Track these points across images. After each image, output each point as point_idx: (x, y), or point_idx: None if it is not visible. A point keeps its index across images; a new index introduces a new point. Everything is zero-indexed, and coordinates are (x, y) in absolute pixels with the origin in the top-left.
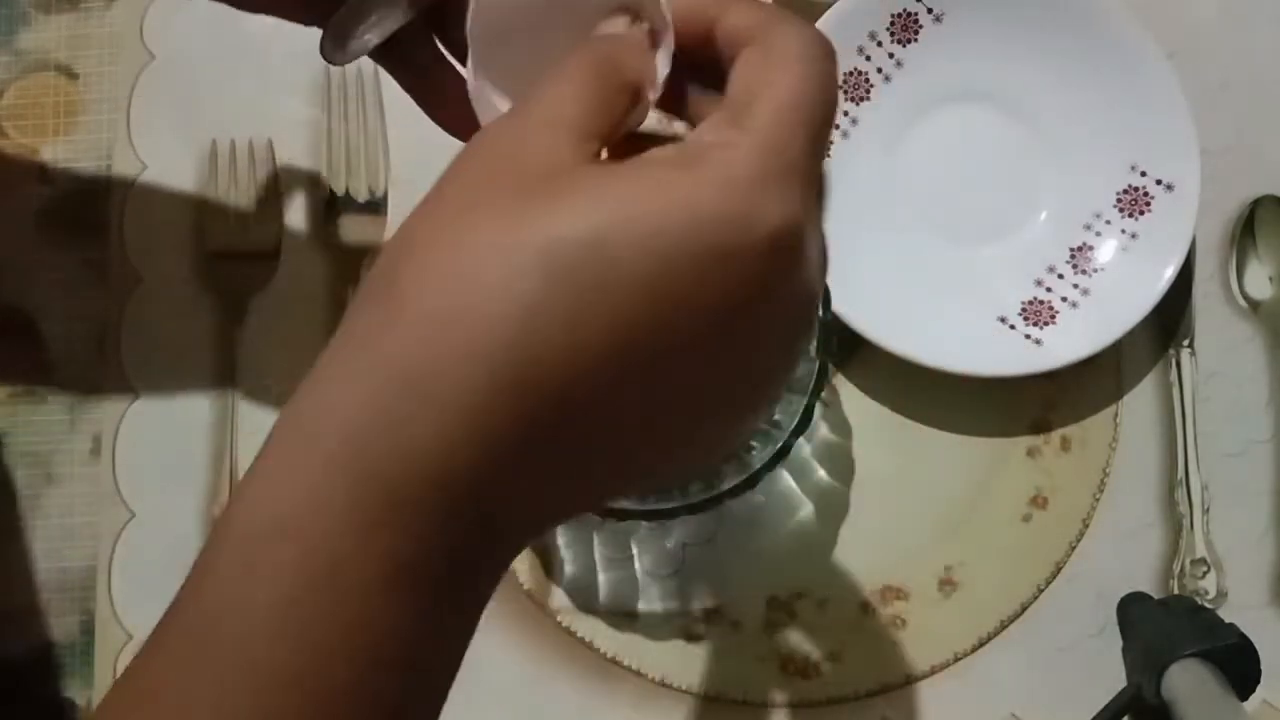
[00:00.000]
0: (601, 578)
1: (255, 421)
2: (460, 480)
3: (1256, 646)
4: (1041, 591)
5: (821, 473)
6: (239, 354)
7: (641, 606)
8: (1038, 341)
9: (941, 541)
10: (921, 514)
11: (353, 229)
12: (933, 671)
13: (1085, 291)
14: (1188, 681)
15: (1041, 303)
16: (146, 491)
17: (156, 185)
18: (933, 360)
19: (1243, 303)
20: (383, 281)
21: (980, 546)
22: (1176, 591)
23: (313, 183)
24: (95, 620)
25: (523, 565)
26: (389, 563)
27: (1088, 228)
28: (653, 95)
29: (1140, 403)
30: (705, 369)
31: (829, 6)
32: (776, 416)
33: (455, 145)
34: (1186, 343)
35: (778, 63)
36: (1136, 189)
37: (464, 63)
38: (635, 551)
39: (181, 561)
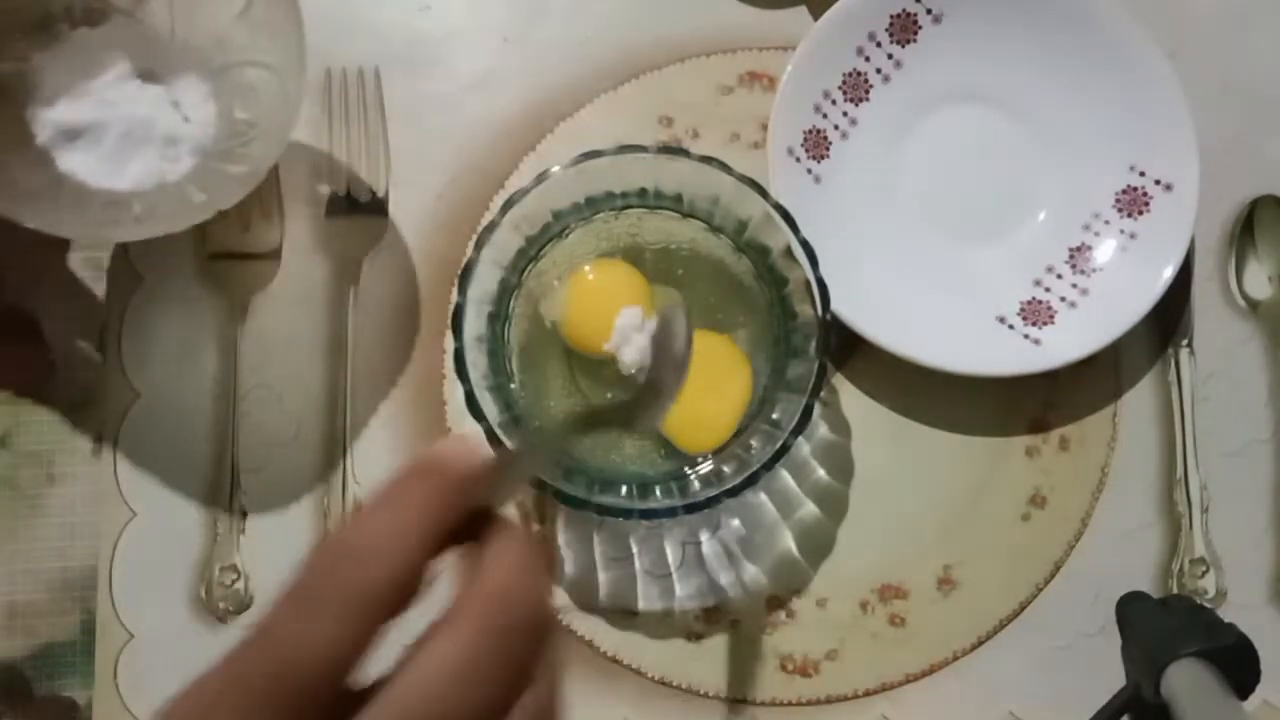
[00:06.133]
0: (601, 576)
1: (256, 421)
2: None
3: (1256, 646)
4: (1040, 590)
5: (821, 472)
6: (240, 354)
7: (641, 605)
8: (1037, 341)
9: (940, 541)
10: (920, 513)
11: (353, 229)
12: (932, 670)
13: (1084, 291)
14: (1187, 681)
15: (1040, 303)
16: (147, 491)
17: None
18: (932, 360)
19: (1242, 302)
20: None
21: (979, 546)
22: (1176, 591)
23: (313, 183)
24: (96, 619)
25: None
26: None
27: (1086, 228)
28: None
29: (1139, 402)
30: None
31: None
32: (776, 416)
33: (456, 147)
34: (1185, 342)
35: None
36: (1135, 189)
37: None
38: (635, 550)
39: (182, 561)
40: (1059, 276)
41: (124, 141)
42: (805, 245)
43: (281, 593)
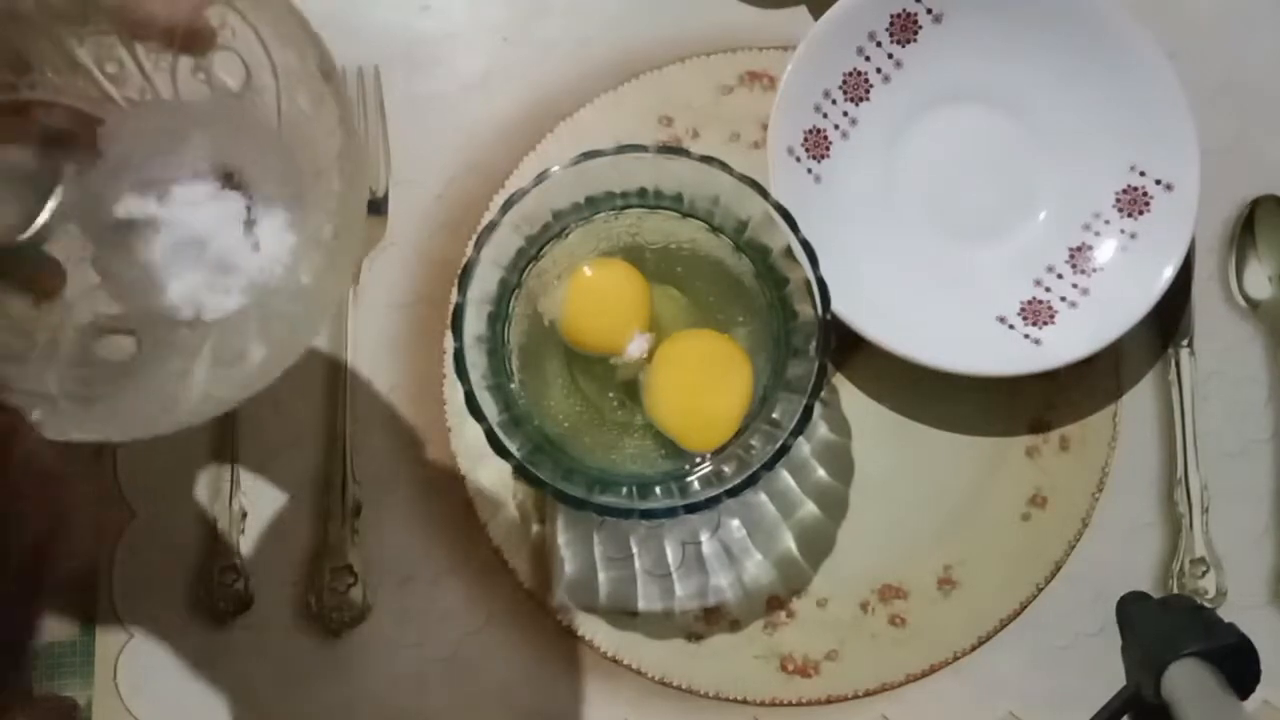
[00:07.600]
0: (601, 577)
1: (256, 422)
2: None
3: (1256, 646)
4: (1040, 590)
5: (821, 472)
6: None
7: (641, 605)
8: (1037, 341)
9: (941, 541)
10: (921, 513)
11: None
12: (932, 670)
13: (1084, 291)
14: (1187, 681)
15: (1041, 302)
16: (147, 491)
17: None
18: (932, 360)
19: (1242, 302)
20: None
21: (979, 546)
22: (1176, 591)
23: None
24: (96, 619)
25: (523, 565)
26: None
27: (1087, 228)
28: None
29: (1139, 402)
30: None
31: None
32: (776, 416)
33: (456, 147)
34: (1186, 342)
35: None
36: (1136, 189)
37: None
38: (635, 551)
39: (182, 561)
40: (1059, 276)
41: (176, 253)
42: (805, 245)
43: None
